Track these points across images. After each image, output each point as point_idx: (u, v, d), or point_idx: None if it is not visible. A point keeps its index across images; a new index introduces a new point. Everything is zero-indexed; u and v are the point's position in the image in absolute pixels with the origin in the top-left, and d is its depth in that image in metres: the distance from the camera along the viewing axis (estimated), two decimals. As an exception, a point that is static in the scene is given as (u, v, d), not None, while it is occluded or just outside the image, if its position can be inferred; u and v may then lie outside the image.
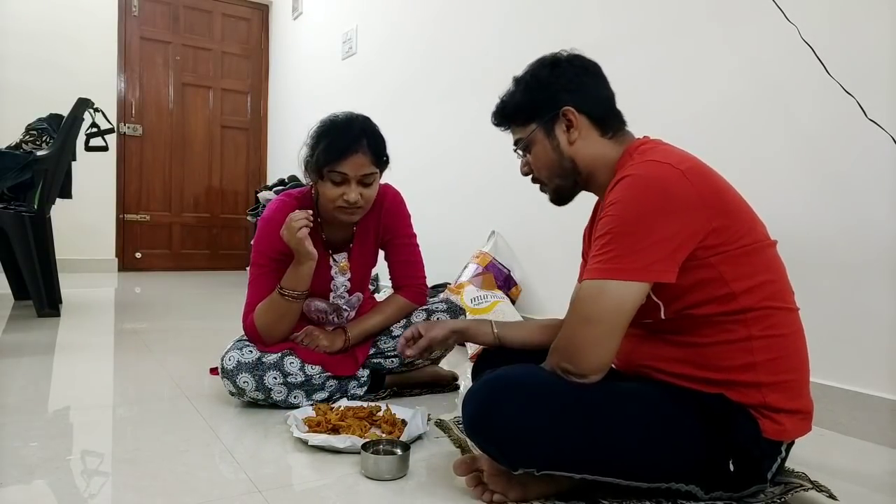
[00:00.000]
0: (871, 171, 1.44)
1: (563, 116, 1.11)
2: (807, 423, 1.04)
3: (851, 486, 1.18)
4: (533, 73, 1.15)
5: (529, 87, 1.14)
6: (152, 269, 5.02)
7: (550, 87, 1.12)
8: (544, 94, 1.13)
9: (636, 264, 0.94)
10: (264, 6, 5.43)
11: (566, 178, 1.15)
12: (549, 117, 1.12)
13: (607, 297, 0.95)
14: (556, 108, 1.11)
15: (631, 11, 2.07)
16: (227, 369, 1.47)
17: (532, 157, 1.17)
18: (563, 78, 1.12)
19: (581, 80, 1.13)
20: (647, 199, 0.96)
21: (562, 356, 0.98)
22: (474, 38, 2.88)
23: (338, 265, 1.62)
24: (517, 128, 1.18)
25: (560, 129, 1.12)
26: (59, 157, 2.81)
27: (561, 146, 1.13)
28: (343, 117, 1.51)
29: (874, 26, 1.44)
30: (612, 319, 0.95)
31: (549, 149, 1.14)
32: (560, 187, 1.18)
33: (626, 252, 0.95)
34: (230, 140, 5.35)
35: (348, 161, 1.44)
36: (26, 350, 2.10)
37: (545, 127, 1.13)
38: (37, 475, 1.09)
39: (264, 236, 1.53)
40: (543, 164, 1.16)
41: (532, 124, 1.14)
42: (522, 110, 1.16)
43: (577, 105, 1.11)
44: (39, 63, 4.35)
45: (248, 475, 1.11)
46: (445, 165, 3.09)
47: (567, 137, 1.12)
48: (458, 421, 1.45)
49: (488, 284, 2.41)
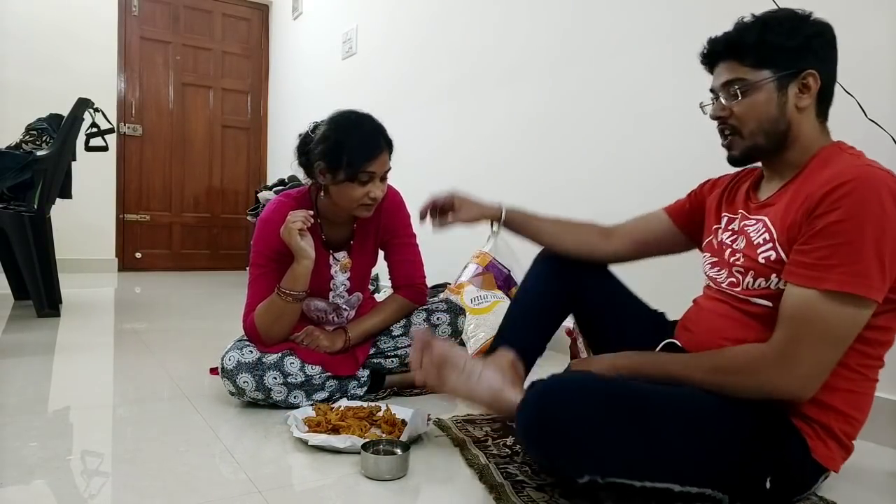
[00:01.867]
0: (872, 171, 1.44)
1: (802, 78, 1.01)
2: (842, 460, 1.05)
3: (852, 486, 1.18)
4: (793, 21, 1.03)
5: (784, 33, 1.01)
6: (152, 269, 5.01)
7: (806, 44, 1.02)
8: (798, 47, 1.01)
9: (882, 283, 0.89)
10: (264, 6, 5.43)
11: (771, 140, 1.05)
12: (790, 72, 1.01)
13: (850, 322, 0.90)
14: (801, 67, 1.01)
15: (632, 12, 2.07)
16: (227, 369, 1.47)
17: (746, 104, 1.04)
18: (820, 41, 1.03)
19: (832, 54, 1.04)
20: (884, 215, 0.89)
21: (779, 375, 0.93)
22: (474, 38, 2.88)
23: (339, 263, 1.62)
24: (741, 66, 1.04)
25: (794, 90, 1.02)
26: (59, 157, 2.81)
27: (787, 106, 1.02)
28: (354, 117, 1.51)
29: (874, 26, 1.44)
30: (848, 341, 0.92)
31: (774, 104, 1.02)
32: (757, 146, 1.06)
33: (873, 267, 0.89)
34: (230, 140, 5.35)
35: (377, 160, 1.47)
36: (26, 350, 2.10)
37: (781, 80, 1.02)
38: (37, 475, 1.09)
39: (262, 237, 1.53)
40: (758, 115, 1.03)
41: (766, 70, 1.02)
42: (764, 51, 1.02)
43: (822, 72, 1.02)
44: (39, 63, 4.35)
45: (247, 475, 1.11)
46: (446, 165, 3.09)
47: (797, 100, 1.02)
48: (457, 420, 1.45)
49: (488, 284, 2.41)
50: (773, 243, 1.01)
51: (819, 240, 0.92)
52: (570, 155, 2.35)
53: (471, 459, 1.20)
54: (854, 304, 0.90)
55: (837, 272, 0.89)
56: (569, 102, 2.34)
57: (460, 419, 1.46)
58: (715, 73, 1.09)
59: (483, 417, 1.48)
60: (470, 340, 2.20)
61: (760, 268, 1.02)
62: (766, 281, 1.02)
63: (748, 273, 1.05)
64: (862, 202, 0.89)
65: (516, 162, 2.61)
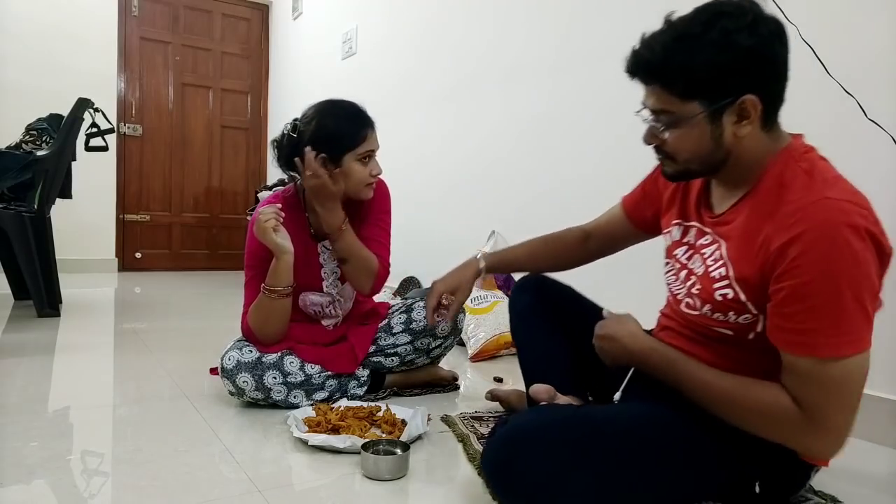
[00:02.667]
0: (871, 171, 1.44)
1: (740, 104, 0.87)
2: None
3: (852, 486, 1.18)
4: (726, 31, 0.84)
5: (716, 52, 0.85)
6: (152, 269, 5.01)
7: (745, 63, 0.85)
8: (733, 70, 0.85)
9: (869, 326, 0.85)
10: (264, 6, 5.42)
11: (706, 167, 0.95)
12: (724, 102, 0.87)
13: (859, 375, 0.86)
14: (738, 94, 0.87)
15: (630, 12, 2.07)
16: (226, 369, 1.47)
17: (677, 135, 0.92)
18: (762, 52, 0.86)
19: (778, 57, 0.89)
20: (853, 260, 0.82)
21: (813, 441, 0.87)
22: (474, 38, 2.88)
23: (329, 250, 1.62)
24: (666, 95, 0.90)
25: (729, 119, 0.89)
26: (59, 157, 2.81)
27: (724, 137, 0.90)
28: (333, 102, 1.56)
29: (874, 26, 1.44)
30: (863, 386, 0.87)
31: (708, 137, 0.90)
32: (691, 171, 0.98)
33: (858, 319, 0.83)
34: (230, 140, 5.35)
35: (370, 137, 1.53)
36: (26, 350, 2.10)
37: (712, 112, 0.88)
38: (37, 475, 1.09)
39: (253, 240, 1.54)
40: (689, 148, 0.93)
41: (695, 102, 0.88)
42: (692, 79, 0.87)
43: (763, 94, 0.88)
44: (39, 63, 4.34)
45: (247, 475, 1.11)
46: (446, 165, 3.09)
47: (735, 130, 0.90)
48: (464, 417, 1.45)
49: (488, 284, 2.41)
50: (728, 280, 0.94)
51: (794, 303, 0.84)
52: (568, 155, 2.35)
53: (472, 455, 1.21)
54: (856, 358, 0.84)
55: (825, 337, 0.83)
56: (567, 103, 2.34)
57: (468, 416, 1.46)
58: (645, 90, 0.95)
59: (490, 414, 1.48)
60: (470, 340, 2.21)
61: (718, 304, 0.96)
62: (724, 316, 0.96)
63: (705, 304, 0.99)
64: (826, 257, 0.81)
65: (515, 162, 2.61)
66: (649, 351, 1.02)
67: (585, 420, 0.94)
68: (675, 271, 1.10)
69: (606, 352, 1.08)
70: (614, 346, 1.06)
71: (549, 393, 1.19)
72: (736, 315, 0.95)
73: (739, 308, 0.94)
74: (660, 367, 1.01)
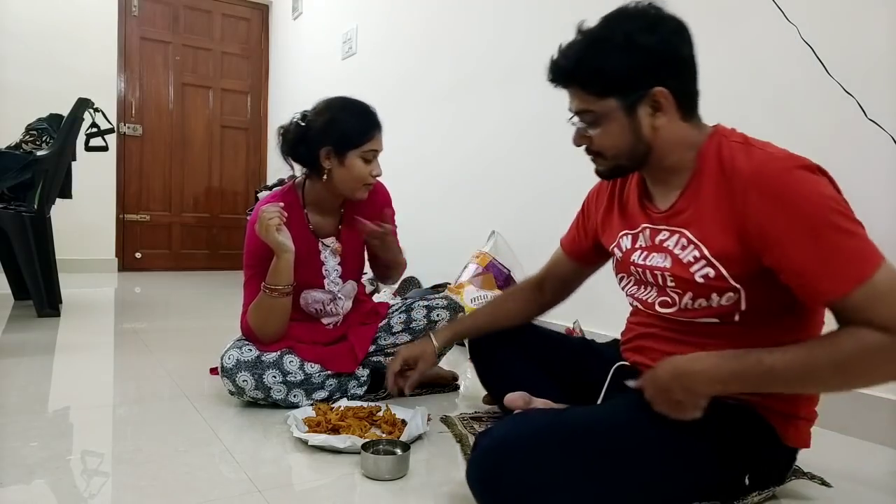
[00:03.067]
0: (871, 171, 1.44)
1: (651, 97, 0.95)
2: (809, 433, 1.05)
3: (852, 486, 1.18)
4: (627, 33, 0.94)
5: (619, 53, 0.94)
6: (152, 269, 5.01)
7: (648, 59, 0.93)
8: (639, 66, 0.93)
9: (872, 243, 0.86)
10: (264, 6, 5.43)
11: (634, 160, 1.01)
12: (636, 96, 0.95)
13: (892, 275, 0.83)
14: (647, 87, 0.94)
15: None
16: (226, 368, 1.47)
17: (600, 132, 0.99)
18: (663, 48, 0.94)
19: (680, 52, 0.96)
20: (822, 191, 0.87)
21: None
22: (474, 38, 2.88)
23: (329, 248, 1.63)
24: (586, 96, 0.98)
25: (644, 111, 0.96)
26: (59, 157, 2.81)
27: (642, 129, 0.97)
28: (349, 99, 1.57)
29: (874, 26, 1.44)
30: None
31: (627, 130, 0.97)
32: (621, 167, 1.03)
33: (859, 233, 0.85)
34: (230, 140, 5.35)
35: (378, 138, 1.53)
36: (26, 350, 2.10)
37: (627, 106, 0.95)
38: (37, 475, 1.09)
39: (252, 238, 1.54)
40: (613, 143, 0.99)
41: (611, 99, 0.96)
42: (604, 78, 0.95)
43: (672, 85, 0.94)
44: (39, 63, 4.34)
45: (247, 475, 1.11)
46: (446, 165, 3.09)
47: (651, 121, 0.96)
48: (463, 418, 1.45)
49: (488, 284, 2.41)
50: (706, 260, 0.95)
51: (802, 250, 0.85)
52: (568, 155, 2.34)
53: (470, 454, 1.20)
54: (885, 263, 0.84)
55: (851, 258, 0.83)
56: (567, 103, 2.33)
57: (467, 416, 1.46)
58: (569, 94, 1.03)
59: (489, 415, 1.48)
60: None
61: (699, 287, 0.96)
62: (707, 301, 0.97)
63: (686, 294, 0.99)
64: (795, 195, 0.86)
65: (515, 162, 2.61)
66: (714, 367, 0.91)
67: (567, 425, 0.93)
68: (637, 279, 1.10)
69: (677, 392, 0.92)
70: (683, 381, 0.92)
71: (524, 399, 1.19)
72: (718, 296, 0.95)
73: (721, 285, 0.94)
74: (731, 375, 0.90)
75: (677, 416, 0.91)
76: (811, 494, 1.11)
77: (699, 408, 0.91)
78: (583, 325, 2.00)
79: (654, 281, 1.04)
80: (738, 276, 0.93)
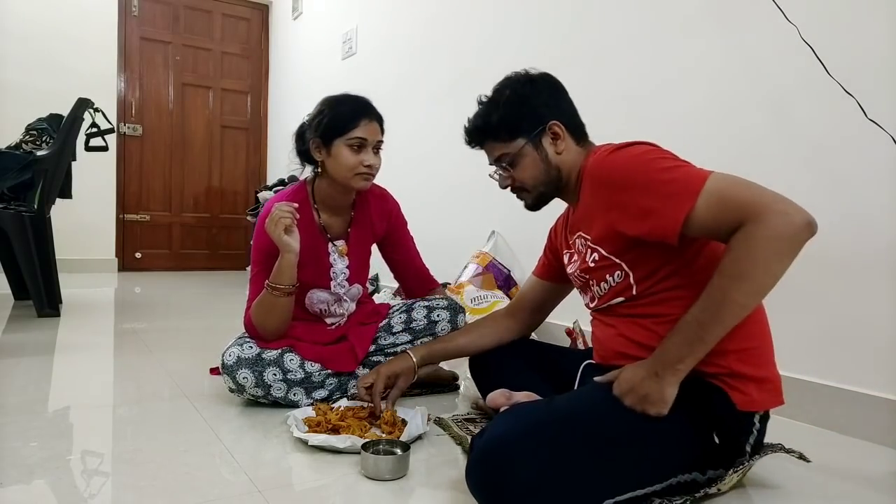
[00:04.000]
0: (871, 170, 1.44)
1: (549, 130, 1.19)
2: (776, 395, 1.06)
3: (852, 486, 1.18)
4: (513, 89, 1.21)
5: (512, 104, 1.20)
6: (152, 269, 5.02)
7: (534, 103, 1.20)
8: (529, 110, 1.19)
9: (696, 167, 1.01)
10: (264, 6, 5.43)
11: (550, 185, 1.22)
12: (537, 131, 1.19)
13: (731, 178, 0.97)
14: (542, 122, 1.19)
15: (630, 12, 2.07)
16: (227, 364, 1.47)
17: (518, 169, 1.22)
18: (543, 94, 1.21)
19: (556, 95, 1.23)
20: (633, 154, 1.06)
21: (776, 217, 0.89)
22: (473, 38, 2.88)
23: (337, 249, 1.63)
24: (499, 144, 1.22)
25: (547, 142, 1.20)
26: (59, 157, 2.81)
27: (549, 157, 1.20)
28: (342, 93, 1.58)
29: (874, 26, 1.44)
30: (747, 181, 0.96)
31: (539, 160, 1.20)
32: (543, 194, 1.24)
33: (678, 163, 1.02)
34: (230, 140, 5.35)
35: (366, 126, 1.51)
36: (26, 350, 2.10)
37: (533, 140, 1.20)
38: (37, 475, 1.09)
39: (261, 235, 1.54)
40: (531, 175, 1.21)
41: (519, 139, 1.20)
42: (507, 126, 1.20)
43: (558, 118, 1.19)
44: (39, 63, 4.35)
45: (247, 475, 1.11)
46: (446, 165, 3.09)
47: (555, 148, 1.20)
48: (456, 419, 1.45)
49: (488, 284, 2.41)
50: (591, 248, 1.15)
51: (637, 200, 1.02)
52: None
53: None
54: (714, 174, 0.97)
55: (675, 191, 0.97)
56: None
57: (461, 418, 1.46)
58: (486, 152, 1.27)
59: (483, 416, 1.48)
60: (470, 340, 2.20)
61: (594, 272, 1.15)
62: (605, 283, 1.15)
63: (592, 282, 1.18)
64: (612, 166, 1.07)
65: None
66: (659, 357, 0.99)
67: (555, 416, 0.96)
68: (580, 286, 1.26)
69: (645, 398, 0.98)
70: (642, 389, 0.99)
71: (505, 396, 1.29)
72: (610, 275, 1.13)
73: (606, 264, 1.12)
74: (679, 352, 0.97)
75: (650, 409, 0.97)
76: (811, 493, 1.11)
77: (666, 400, 0.97)
78: (582, 325, 2.00)
79: (583, 281, 1.22)
80: (615, 251, 1.10)
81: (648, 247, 1.05)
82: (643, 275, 1.09)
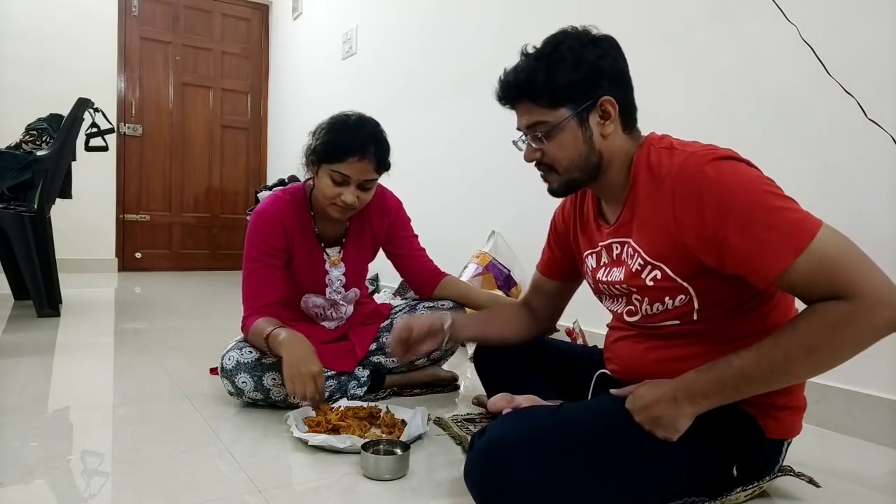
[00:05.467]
0: (871, 170, 1.44)
1: (600, 106, 1.00)
2: (801, 420, 1.05)
3: (852, 486, 1.18)
4: (571, 47, 0.99)
5: (566, 65, 0.98)
6: (152, 269, 5.01)
7: (594, 71, 0.99)
8: (585, 77, 0.98)
9: (806, 212, 0.87)
10: (264, 6, 5.43)
11: (586, 172, 1.03)
12: (586, 105, 0.99)
13: (841, 240, 0.85)
14: (596, 96, 0.99)
15: (630, 12, 2.07)
16: (226, 369, 1.47)
17: (553, 144, 1.02)
18: (606, 61, 1.00)
19: (620, 66, 1.02)
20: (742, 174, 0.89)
21: (874, 308, 0.81)
22: (473, 38, 2.88)
23: (329, 259, 1.62)
24: (539, 109, 1.01)
25: (595, 120, 1.00)
26: (59, 157, 2.81)
27: (594, 138, 1.01)
28: (355, 118, 1.51)
29: (874, 26, 1.44)
30: (862, 253, 0.85)
31: (580, 139, 1.00)
32: (575, 181, 1.05)
33: (788, 207, 0.86)
34: (230, 140, 5.35)
35: (353, 165, 1.45)
36: (26, 350, 2.10)
37: (580, 115, 0.99)
38: (37, 475, 1.09)
39: (257, 230, 1.53)
40: (567, 155, 1.02)
41: (563, 109, 0.99)
42: (553, 90, 0.99)
43: (615, 94, 1.00)
44: (39, 63, 4.35)
45: (247, 475, 1.11)
46: (446, 165, 3.09)
47: (601, 129, 1.01)
48: (456, 419, 1.45)
49: (488, 284, 2.41)
50: (650, 265, 0.98)
51: (734, 238, 0.86)
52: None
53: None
54: (823, 231, 0.84)
55: (786, 234, 0.84)
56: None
57: (460, 418, 1.46)
58: (517, 113, 1.07)
59: (483, 416, 1.48)
60: (470, 340, 2.20)
61: (651, 291, 1.00)
62: (662, 304, 1.00)
63: (644, 300, 1.02)
64: (716, 186, 0.88)
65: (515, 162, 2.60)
66: (683, 383, 0.92)
67: (560, 423, 0.94)
68: (608, 294, 1.12)
69: (657, 420, 0.93)
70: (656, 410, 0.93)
71: (507, 400, 1.22)
72: (671, 298, 0.98)
73: (670, 286, 0.97)
74: (707, 388, 0.91)
75: (658, 432, 0.92)
76: (809, 495, 1.10)
77: (678, 429, 0.91)
78: (582, 325, 2.00)
79: (621, 292, 1.08)
80: (684, 275, 0.95)
81: (724, 276, 0.92)
82: (709, 303, 0.96)
